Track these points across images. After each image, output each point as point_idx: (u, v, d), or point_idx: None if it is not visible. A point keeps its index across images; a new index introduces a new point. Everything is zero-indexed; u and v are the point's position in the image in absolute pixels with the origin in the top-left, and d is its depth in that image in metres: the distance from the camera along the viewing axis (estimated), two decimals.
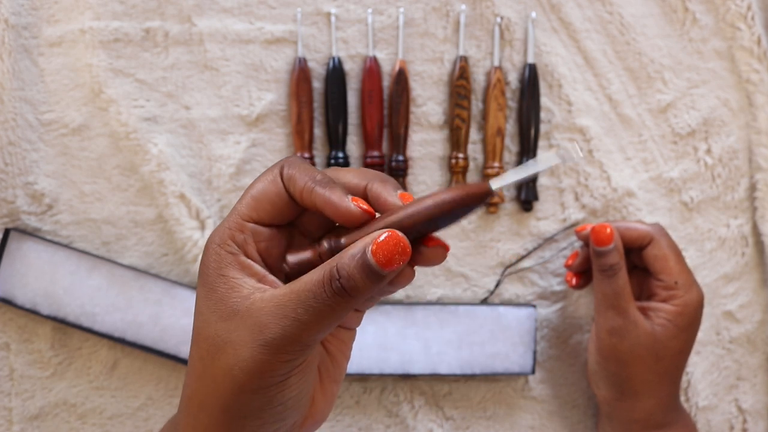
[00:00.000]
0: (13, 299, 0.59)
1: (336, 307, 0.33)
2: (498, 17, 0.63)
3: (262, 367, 0.34)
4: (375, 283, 0.33)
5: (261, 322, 0.34)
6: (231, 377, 0.34)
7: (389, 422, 0.64)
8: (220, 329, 0.35)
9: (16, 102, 0.60)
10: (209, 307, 0.35)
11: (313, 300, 0.33)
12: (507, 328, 0.62)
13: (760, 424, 0.66)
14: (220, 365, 0.34)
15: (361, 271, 0.33)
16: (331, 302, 0.33)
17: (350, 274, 0.33)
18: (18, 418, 0.61)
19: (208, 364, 0.35)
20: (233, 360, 0.34)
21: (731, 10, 0.64)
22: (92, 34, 0.60)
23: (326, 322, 0.34)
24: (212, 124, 0.62)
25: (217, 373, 0.35)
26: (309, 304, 0.33)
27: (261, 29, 0.62)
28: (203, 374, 0.35)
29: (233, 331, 0.34)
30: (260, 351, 0.34)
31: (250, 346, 0.34)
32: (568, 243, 0.64)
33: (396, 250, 0.33)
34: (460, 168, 0.63)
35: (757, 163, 0.65)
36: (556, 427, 0.65)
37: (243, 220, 0.36)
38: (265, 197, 0.36)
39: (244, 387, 0.34)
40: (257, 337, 0.34)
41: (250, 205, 0.36)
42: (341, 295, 0.33)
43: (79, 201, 0.61)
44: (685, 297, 0.57)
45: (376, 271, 0.33)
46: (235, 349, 0.34)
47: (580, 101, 0.64)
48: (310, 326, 0.33)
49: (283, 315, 0.33)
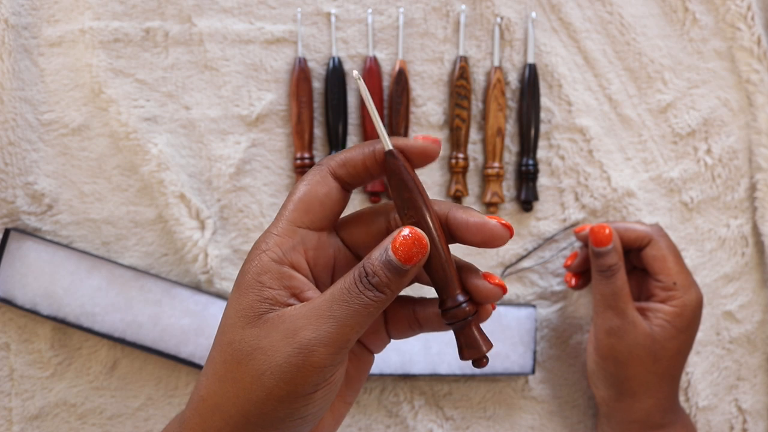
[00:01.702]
0: (13, 299, 0.59)
1: (368, 304, 0.34)
2: (498, 17, 0.63)
3: (294, 374, 0.34)
4: (398, 278, 0.35)
5: (295, 327, 0.34)
6: (260, 384, 0.34)
7: (389, 422, 0.64)
8: (248, 335, 0.35)
9: (16, 102, 0.60)
10: (238, 311, 0.35)
11: (348, 296, 0.34)
12: (507, 328, 0.62)
13: (760, 424, 0.66)
14: (248, 371, 0.34)
15: (384, 266, 0.35)
16: (363, 299, 0.34)
17: (375, 270, 0.35)
18: (18, 418, 0.61)
19: (232, 368, 0.35)
20: (264, 366, 0.34)
21: (731, 10, 0.64)
22: (92, 34, 0.60)
23: (359, 320, 0.34)
24: (212, 124, 0.62)
25: (243, 378, 0.34)
26: (343, 300, 0.34)
27: (261, 29, 0.62)
28: (225, 377, 0.35)
29: (264, 337, 0.34)
30: (294, 355, 0.34)
31: (283, 351, 0.34)
32: (568, 243, 0.64)
33: (413, 246, 0.35)
34: (460, 168, 0.63)
35: (757, 163, 0.65)
36: (556, 427, 0.65)
37: (293, 225, 0.36)
38: (315, 198, 0.36)
39: (272, 395, 0.34)
40: (291, 341, 0.34)
41: (299, 208, 0.36)
42: (371, 291, 0.34)
43: (79, 201, 0.61)
44: (684, 298, 0.57)
45: (397, 266, 0.35)
46: (266, 355, 0.34)
47: (580, 101, 0.64)
48: (343, 323, 0.34)
49: (317, 316, 0.34)
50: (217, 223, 0.62)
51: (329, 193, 0.36)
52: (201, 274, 0.61)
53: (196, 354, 0.59)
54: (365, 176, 0.37)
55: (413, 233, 0.35)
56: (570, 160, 0.64)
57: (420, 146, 0.37)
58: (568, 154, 0.64)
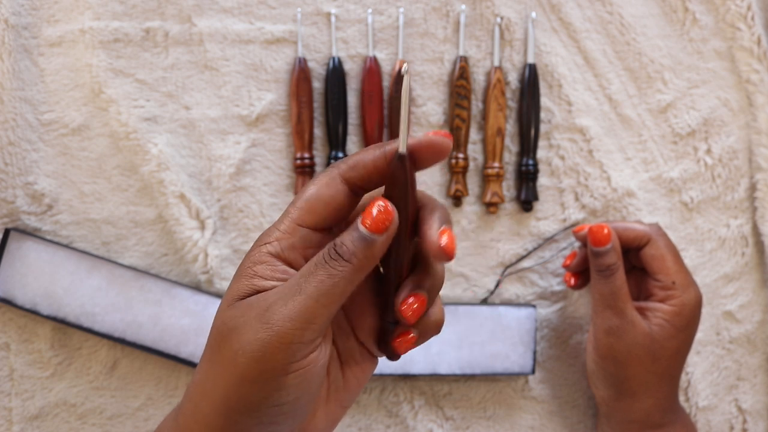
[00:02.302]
0: (13, 299, 0.59)
1: (335, 273, 0.34)
2: (498, 17, 0.63)
3: (263, 351, 0.34)
4: (366, 246, 0.35)
5: (267, 304, 0.35)
6: (234, 365, 0.34)
7: (389, 422, 0.64)
8: (228, 316, 0.35)
9: (16, 102, 0.60)
10: (226, 296, 0.36)
11: (314, 269, 0.34)
12: (507, 328, 0.62)
13: (760, 424, 0.66)
14: (226, 352, 0.35)
15: (353, 237, 0.35)
16: (329, 269, 0.34)
17: (343, 240, 0.35)
18: (18, 418, 0.61)
19: (215, 351, 0.35)
20: (237, 345, 0.34)
21: (731, 10, 0.64)
22: (92, 34, 0.60)
23: (327, 293, 0.34)
24: (212, 124, 0.62)
25: (222, 359, 0.35)
26: (310, 273, 0.34)
27: (261, 29, 0.62)
28: (211, 360, 0.36)
29: (240, 317, 0.35)
30: (262, 331, 0.34)
31: (254, 327, 0.34)
32: (567, 243, 0.64)
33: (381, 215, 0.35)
34: (460, 168, 0.63)
35: (757, 163, 0.65)
36: (556, 427, 0.65)
37: (296, 224, 0.36)
38: (320, 200, 0.36)
39: (246, 376, 0.34)
40: (261, 318, 0.34)
41: (303, 207, 0.37)
42: (337, 260, 0.34)
43: (79, 201, 0.61)
44: (683, 297, 0.57)
45: (362, 232, 0.35)
46: (239, 334, 0.34)
47: (580, 101, 0.64)
48: (310, 296, 0.34)
49: (287, 292, 0.34)
50: (217, 223, 0.62)
51: (335, 196, 0.37)
52: (201, 274, 0.61)
53: (196, 354, 0.59)
54: (376, 179, 0.37)
55: (384, 204, 0.35)
56: (570, 160, 0.64)
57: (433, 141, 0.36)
58: (568, 154, 0.64)
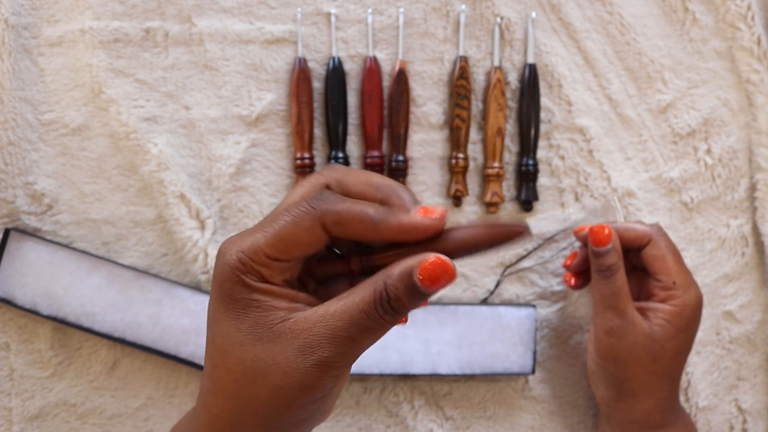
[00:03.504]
0: (13, 299, 0.59)
1: (385, 324, 0.35)
2: (498, 17, 0.63)
3: (314, 385, 0.35)
4: (419, 300, 0.35)
5: (311, 344, 0.34)
6: (279, 397, 0.35)
7: (389, 422, 0.64)
8: (260, 352, 0.35)
9: (16, 102, 0.60)
10: (241, 330, 0.35)
11: (366, 320, 0.34)
12: (507, 328, 0.62)
13: (760, 424, 0.66)
14: (266, 387, 0.35)
15: (407, 291, 0.34)
16: (381, 320, 0.35)
17: (398, 295, 0.34)
18: (18, 418, 0.61)
19: (247, 386, 0.35)
20: (283, 381, 0.35)
21: (731, 10, 0.64)
22: (92, 34, 0.60)
23: (376, 338, 0.35)
24: (212, 124, 0.62)
25: (261, 394, 0.35)
26: (361, 323, 0.34)
27: (261, 29, 0.62)
28: (239, 395, 0.36)
29: (279, 353, 0.35)
30: (314, 371, 0.34)
31: (302, 367, 0.34)
32: (568, 243, 0.64)
33: (442, 274, 0.34)
34: (460, 168, 0.63)
35: (757, 163, 0.65)
36: (556, 427, 0.65)
37: (267, 258, 0.35)
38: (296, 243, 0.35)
39: (294, 404, 0.35)
40: (309, 357, 0.34)
41: (275, 246, 0.35)
42: (392, 314, 0.35)
43: (79, 201, 0.61)
44: (684, 297, 0.57)
45: (422, 292, 0.34)
46: (283, 372, 0.35)
47: (580, 101, 0.64)
48: (361, 343, 0.35)
49: (333, 335, 0.34)
50: (217, 223, 0.62)
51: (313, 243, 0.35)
52: (201, 274, 0.61)
53: (196, 354, 0.59)
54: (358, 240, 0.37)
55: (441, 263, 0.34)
56: (570, 160, 0.64)
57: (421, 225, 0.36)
58: (568, 154, 0.64)
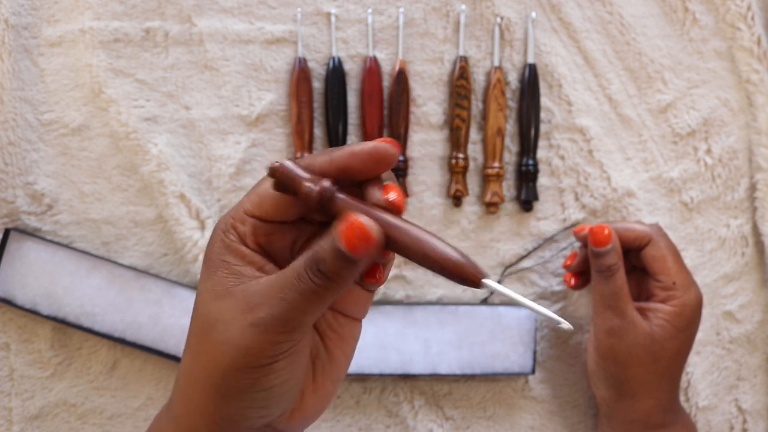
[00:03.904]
0: (13, 299, 0.59)
1: (319, 289, 0.34)
2: (498, 17, 0.63)
3: (249, 346, 0.35)
4: (348, 266, 0.34)
5: (252, 302, 0.35)
6: (221, 353, 0.35)
7: (389, 422, 0.64)
8: (213, 307, 0.36)
9: (16, 102, 0.60)
10: (207, 288, 0.37)
11: (297, 280, 0.35)
12: (507, 328, 0.62)
13: (760, 424, 0.66)
14: (211, 341, 0.36)
15: (333, 253, 0.34)
16: (313, 284, 0.34)
17: (324, 256, 0.34)
18: (18, 418, 0.61)
19: (201, 340, 0.37)
20: (222, 337, 0.35)
21: (731, 10, 0.64)
22: (92, 34, 0.60)
23: (311, 304, 0.35)
24: (212, 124, 0.62)
25: (208, 348, 0.36)
26: (294, 284, 0.35)
27: (261, 29, 0.62)
28: (196, 350, 0.37)
29: (225, 310, 0.36)
30: (249, 330, 0.35)
31: (239, 324, 0.35)
32: (568, 243, 0.64)
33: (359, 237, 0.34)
34: (460, 168, 0.63)
35: (757, 163, 0.65)
36: (556, 427, 0.65)
37: (245, 214, 0.37)
38: (269, 197, 0.37)
39: (232, 364, 0.35)
40: (247, 316, 0.35)
41: (253, 201, 0.37)
42: (320, 278, 0.34)
43: (79, 201, 0.61)
44: (684, 297, 0.57)
45: (347, 256, 0.34)
46: (225, 327, 0.35)
47: (580, 101, 0.64)
48: (294, 306, 0.35)
49: (271, 296, 0.35)
50: None
51: (287, 199, 0.37)
52: None
53: None
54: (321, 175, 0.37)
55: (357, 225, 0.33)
56: (570, 160, 0.64)
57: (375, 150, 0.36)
58: (568, 154, 0.64)
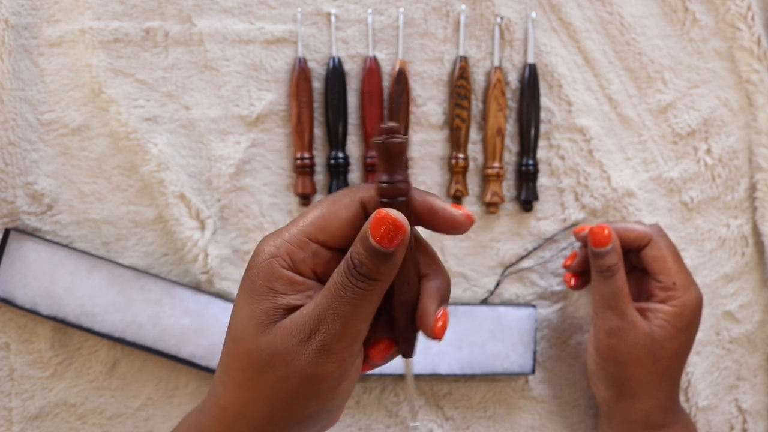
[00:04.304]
0: (13, 299, 0.59)
1: (364, 292, 0.35)
2: (498, 17, 0.63)
3: (318, 374, 0.35)
4: (384, 262, 0.35)
5: (307, 330, 0.35)
6: (283, 387, 0.35)
7: (389, 422, 0.64)
8: (263, 343, 0.35)
9: (16, 102, 0.60)
10: (252, 319, 0.36)
11: (344, 291, 0.35)
12: (507, 328, 0.62)
13: (760, 424, 0.66)
14: (270, 377, 0.35)
15: (367, 252, 0.35)
16: (359, 289, 0.35)
17: (361, 260, 0.35)
18: (18, 418, 0.61)
19: (252, 376, 0.36)
20: (286, 371, 0.35)
21: (731, 10, 0.64)
22: (92, 34, 0.60)
23: (363, 309, 0.35)
24: (212, 124, 0.62)
25: (265, 384, 0.35)
26: (342, 296, 0.35)
27: (261, 29, 0.62)
28: (245, 385, 0.36)
29: (280, 344, 0.35)
30: (315, 358, 0.35)
31: (303, 355, 0.35)
32: (568, 243, 0.64)
33: (389, 227, 0.34)
34: (460, 168, 0.63)
35: (757, 163, 0.65)
36: (556, 427, 0.65)
37: (308, 239, 0.36)
38: (336, 219, 0.36)
39: (299, 395, 0.35)
40: (307, 345, 0.35)
41: (318, 225, 0.36)
42: (363, 280, 0.35)
43: (79, 201, 0.61)
44: (683, 298, 0.57)
45: (378, 250, 0.34)
46: (286, 362, 0.35)
47: (580, 101, 0.64)
48: (350, 317, 0.35)
49: (324, 316, 0.35)
50: (217, 223, 0.62)
51: (351, 219, 0.36)
52: (201, 274, 0.61)
53: (196, 354, 0.59)
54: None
55: (386, 216, 0.34)
56: (570, 160, 0.64)
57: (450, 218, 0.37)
58: (568, 154, 0.64)
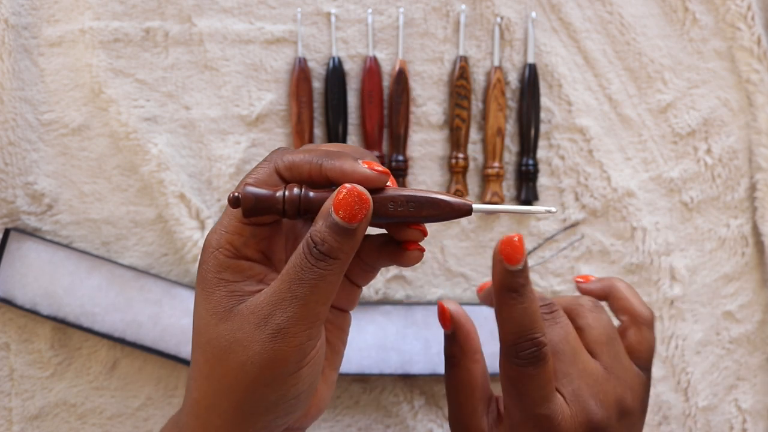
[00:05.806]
0: (13, 299, 0.59)
1: (324, 273, 0.34)
2: (498, 17, 0.63)
3: (275, 358, 0.34)
4: (347, 239, 0.34)
5: (263, 314, 0.34)
6: (244, 374, 0.35)
7: (389, 422, 0.64)
8: (223, 330, 0.35)
9: (16, 102, 0.60)
10: (209, 310, 0.36)
11: (302, 272, 0.34)
12: None
13: (760, 424, 0.66)
14: (231, 364, 0.35)
15: (330, 229, 0.34)
16: (318, 269, 0.34)
17: (323, 237, 0.34)
18: (18, 418, 0.61)
19: (215, 365, 0.35)
20: (244, 357, 0.34)
21: (731, 10, 0.64)
22: (92, 34, 0.60)
23: (322, 291, 0.34)
24: (212, 124, 0.62)
25: (227, 372, 0.35)
26: (300, 277, 0.34)
27: (261, 29, 0.62)
28: (210, 375, 0.36)
29: (237, 330, 0.35)
30: (271, 342, 0.34)
31: (259, 340, 0.34)
32: (568, 243, 0.64)
33: (356, 202, 0.34)
34: (460, 168, 0.63)
35: (757, 163, 0.65)
36: None
37: (240, 223, 0.36)
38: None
39: (259, 381, 0.35)
40: (264, 329, 0.34)
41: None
42: (323, 260, 0.34)
43: (79, 201, 0.61)
44: None
45: (343, 226, 0.34)
46: (243, 347, 0.34)
47: (580, 101, 0.64)
48: (308, 299, 0.34)
49: (281, 299, 0.34)
50: None
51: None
52: None
53: None
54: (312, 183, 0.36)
55: (352, 190, 0.34)
56: (570, 160, 0.64)
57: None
58: (568, 154, 0.64)
